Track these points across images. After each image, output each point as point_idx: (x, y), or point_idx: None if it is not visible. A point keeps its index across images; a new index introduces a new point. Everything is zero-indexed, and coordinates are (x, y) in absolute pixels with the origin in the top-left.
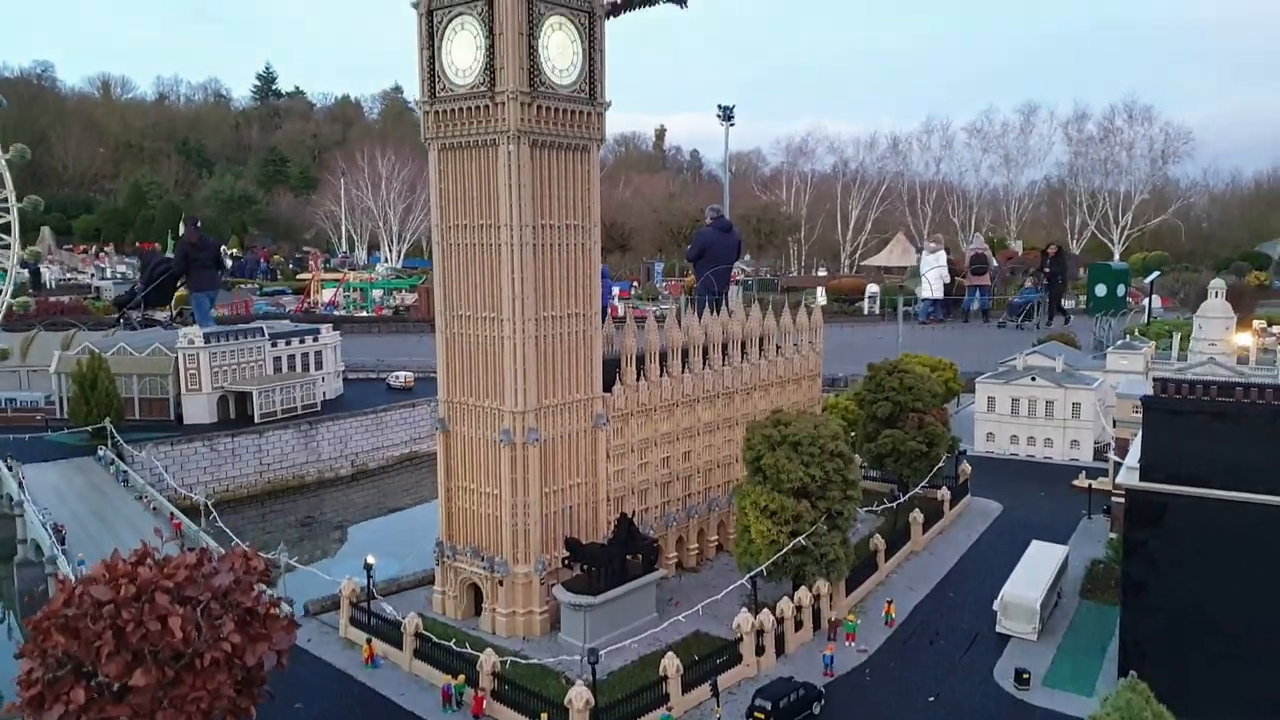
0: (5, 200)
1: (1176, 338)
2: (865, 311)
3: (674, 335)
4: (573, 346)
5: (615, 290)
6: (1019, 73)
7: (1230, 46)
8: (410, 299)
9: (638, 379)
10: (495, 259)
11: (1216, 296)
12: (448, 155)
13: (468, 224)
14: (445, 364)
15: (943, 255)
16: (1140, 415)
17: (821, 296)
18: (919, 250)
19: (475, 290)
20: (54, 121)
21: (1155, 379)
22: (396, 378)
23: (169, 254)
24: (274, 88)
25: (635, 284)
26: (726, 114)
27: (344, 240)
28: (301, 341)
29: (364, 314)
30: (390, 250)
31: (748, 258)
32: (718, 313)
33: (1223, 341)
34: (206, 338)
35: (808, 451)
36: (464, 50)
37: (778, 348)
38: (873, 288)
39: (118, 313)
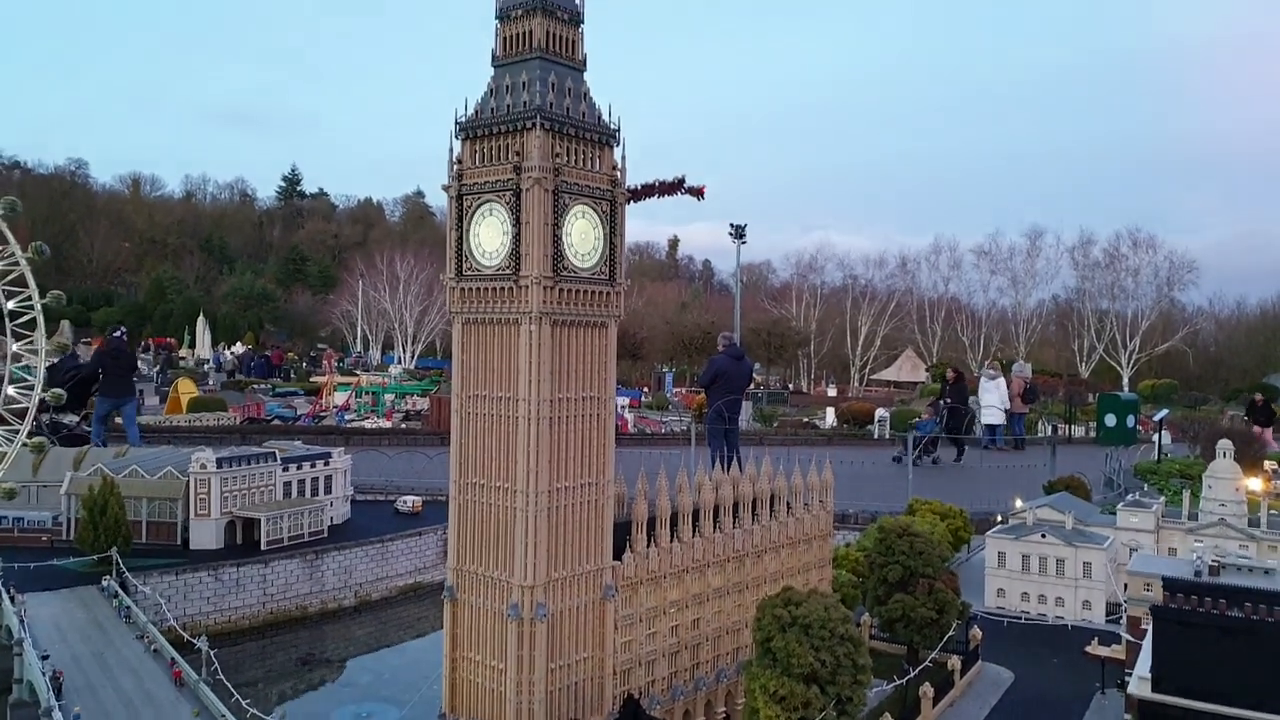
0: (29, 298)
1: (1187, 495)
2: (875, 435)
3: (684, 498)
4: (585, 517)
5: (624, 400)
6: (1026, 193)
7: (1235, 174)
8: (422, 403)
9: (648, 545)
10: (512, 430)
11: (1225, 456)
12: (471, 329)
13: (487, 394)
14: (456, 531)
15: (1003, 382)
16: (1152, 591)
17: (831, 417)
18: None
19: (490, 459)
20: (83, 217)
21: (1164, 581)
22: (404, 502)
23: (83, 357)
24: (299, 188)
25: (646, 391)
26: (738, 232)
27: (359, 340)
28: (313, 466)
29: (375, 420)
30: (405, 351)
31: (757, 366)
32: (728, 467)
33: (1233, 503)
34: (219, 462)
35: (818, 635)
36: (491, 235)
37: (789, 506)
38: (882, 412)
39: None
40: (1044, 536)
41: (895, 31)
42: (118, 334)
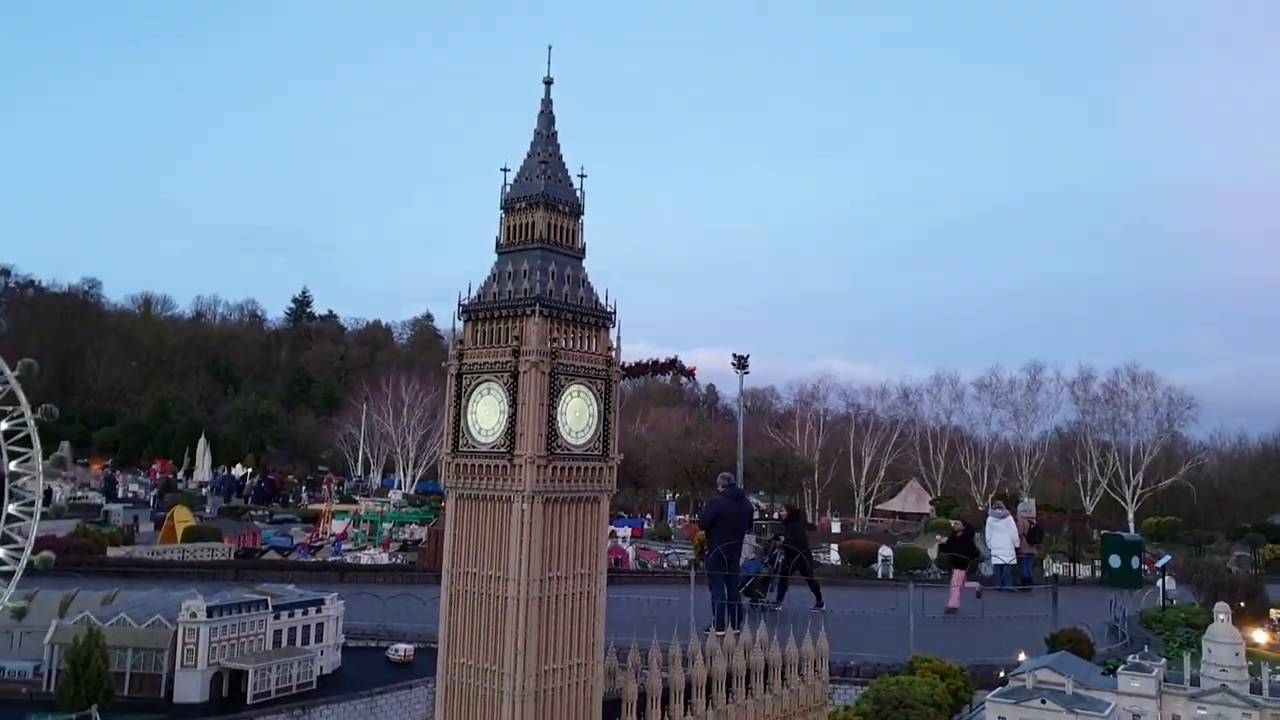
0: (22, 415)
1: (1187, 658)
2: (879, 575)
3: (677, 675)
4: (573, 700)
5: (626, 530)
6: (1025, 329)
7: (1236, 311)
8: (420, 533)
9: None
10: (500, 611)
11: (1222, 620)
12: (464, 504)
13: (477, 572)
14: (441, 714)
15: (1011, 521)
16: None
17: (835, 555)
18: (929, 515)
19: (478, 640)
20: (92, 336)
21: None
22: (396, 651)
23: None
24: (308, 309)
25: (648, 519)
26: (741, 363)
27: (360, 463)
28: (305, 613)
29: (371, 551)
30: (405, 475)
31: (761, 493)
32: (730, 617)
33: (1233, 668)
34: (210, 611)
35: None
36: (488, 413)
37: (783, 677)
38: (885, 550)
39: None
40: (1044, 702)
41: (887, 168)
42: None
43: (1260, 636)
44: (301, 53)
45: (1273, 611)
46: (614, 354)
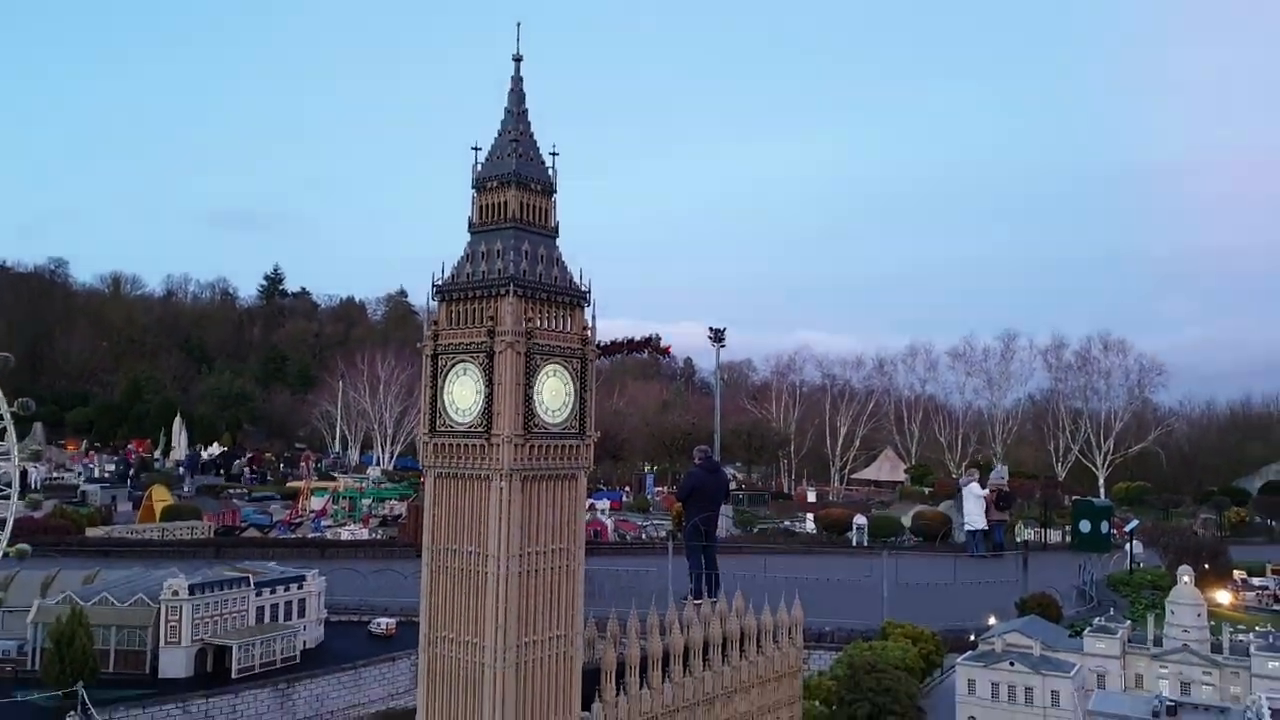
0: None
1: (1151, 619)
2: (854, 544)
3: (655, 643)
4: (554, 670)
5: (605, 503)
6: (998, 298)
7: (1207, 278)
8: (400, 508)
9: (617, 694)
10: (481, 586)
11: (1185, 582)
12: (443, 483)
13: (457, 549)
14: (425, 687)
15: (978, 486)
16: None
17: (810, 524)
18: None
19: (459, 614)
20: (61, 316)
21: None
22: (378, 624)
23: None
24: (281, 287)
25: (627, 492)
26: (717, 336)
27: (337, 440)
28: (286, 589)
29: (351, 527)
30: (383, 451)
31: (738, 465)
32: (708, 584)
33: (1195, 629)
34: (191, 589)
35: None
36: (465, 393)
37: (759, 645)
38: (860, 519)
39: None
40: (1012, 665)
41: (868, 142)
42: None
43: (1224, 597)
44: (277, 35)
45: (1236, 573)
46: (589, 333)
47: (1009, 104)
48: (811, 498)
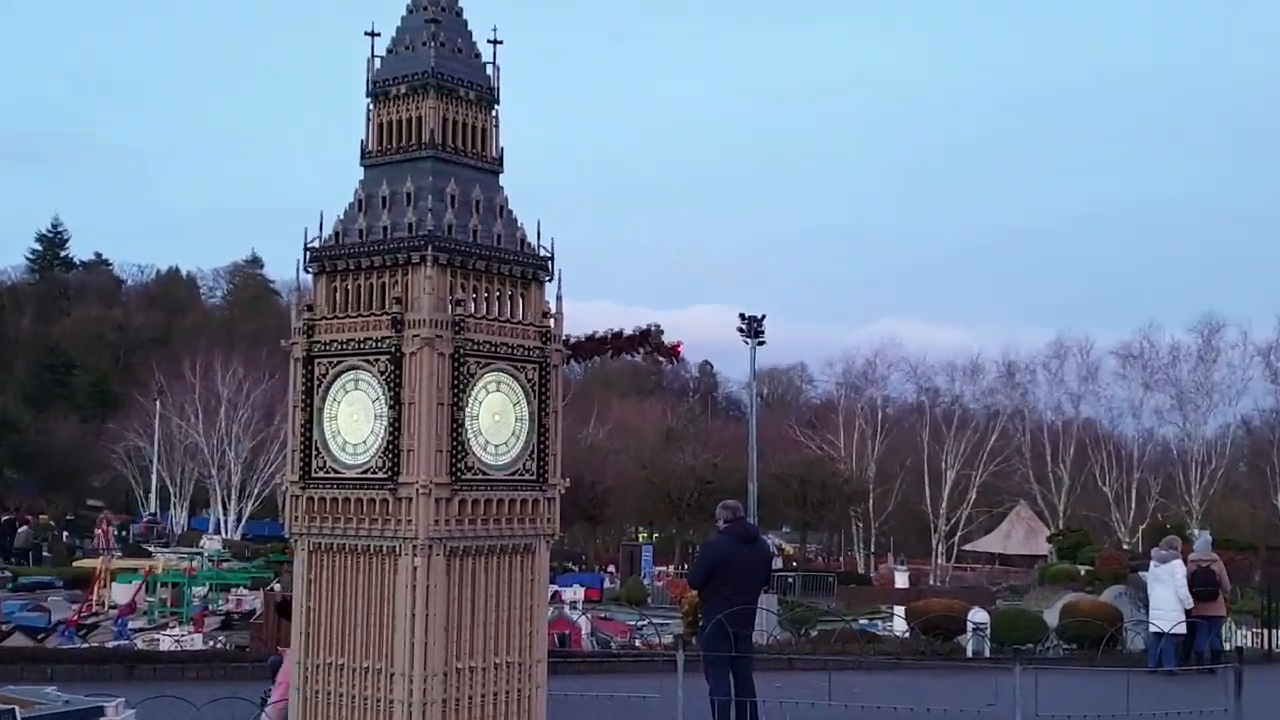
0: None
1: None
2: (970, 654)
3: None
4: None
5: (578, 591)
6: (1189, 264)
7: None
8: (251, 600)
9: None
10: None
11: None
12: (323, 559)
13: (345, 664)
14: None
15: (1179, 566)
16: None
17: (900, 623)
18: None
19: None
20: None
21: None
22: None
23: None
24: (64, 253)
25: (611, 572)
26: (752, 328)
27: (154, 494)
28: None
29: (178, 630)
30: (226, 510)
31: (785, 530)
32: None
33: None
34: None
35: None
36: (357, 418)
37: None
38: (979, 615)
39: None
40: None
41: (982, 33)
42: None
43: None
44: None
45: None
46: (553, 323)
47: None
48: (902, 582)
